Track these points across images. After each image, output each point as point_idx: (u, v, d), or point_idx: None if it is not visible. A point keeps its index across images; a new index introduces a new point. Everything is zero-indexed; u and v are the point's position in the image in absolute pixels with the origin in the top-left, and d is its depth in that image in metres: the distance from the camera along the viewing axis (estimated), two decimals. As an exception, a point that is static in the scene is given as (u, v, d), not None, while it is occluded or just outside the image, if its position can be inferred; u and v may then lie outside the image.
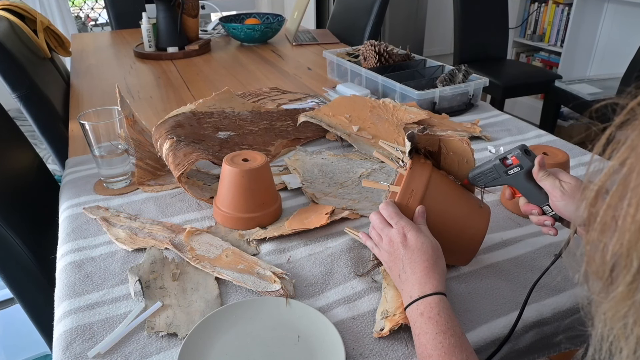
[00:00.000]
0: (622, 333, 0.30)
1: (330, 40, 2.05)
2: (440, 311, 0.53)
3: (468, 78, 1.28)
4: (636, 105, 0.31)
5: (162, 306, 0.64)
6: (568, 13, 2.91)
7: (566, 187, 0.59)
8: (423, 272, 0.57)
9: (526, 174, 0.62)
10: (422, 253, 0.58)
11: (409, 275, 0.58)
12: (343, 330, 0.61)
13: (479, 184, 0.65)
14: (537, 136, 1.12)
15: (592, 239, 0.33)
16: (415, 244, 0.58)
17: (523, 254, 0.74)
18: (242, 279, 0.68)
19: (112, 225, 0.80)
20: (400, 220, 0.60)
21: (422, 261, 0.57)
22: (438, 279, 0.56)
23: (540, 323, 0.64)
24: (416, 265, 0.57)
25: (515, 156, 0.62)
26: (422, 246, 0.58)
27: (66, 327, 0.62)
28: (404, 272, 0.58)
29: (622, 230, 0.30)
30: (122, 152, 0.90)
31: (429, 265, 0.57)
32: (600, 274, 0.32)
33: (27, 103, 1.22)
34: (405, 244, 0.59)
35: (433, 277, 0.56)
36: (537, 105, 3.01)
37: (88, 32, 3.54)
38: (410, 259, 0.58)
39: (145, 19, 1.78)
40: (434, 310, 0.53)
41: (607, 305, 0.31)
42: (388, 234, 0.61)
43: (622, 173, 0.31)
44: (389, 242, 0.60)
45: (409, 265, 0.58)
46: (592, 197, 0.33)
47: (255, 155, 0.80)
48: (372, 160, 1.00)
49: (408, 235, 0.59)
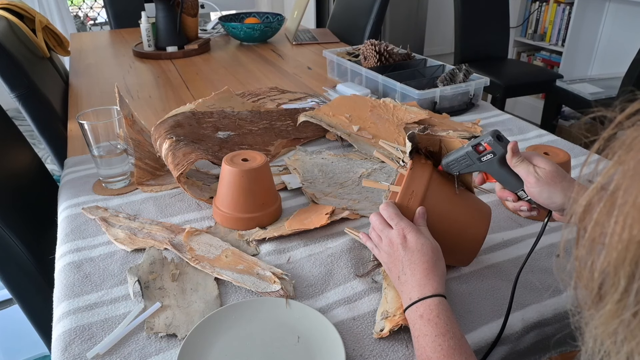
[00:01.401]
0: (612, 349, 0.30)
1: (331, 40, 2.04)
2: (439, 313, 0.53)
3: (469, 77, 1.27)
4: (624, 119, 0.31)
5: (161, 307, 0.64)
6: (569, 12, 2.90)
7: (541, 173, 0.58)
8: (423, 274, 0.56)
9: (500, 160, 0.60)
10: (421, 255, 0.57)
11: (408, 277, 0.57)
12: (343, 331, 0.61)
13: (452, 171, 0.64)
14: (538, 136, 1.12)
15: (580, 255, 0.32)
16: (415, 245, 0.58)
17: (524, 255, 0.73)
18: (241, 280, 0.68)
19: (111, 226, 0.80)
20: (400, 222, 0.60)
21: (422, 262, 0.57)
22: (438, 281, 0.56)
23: (541, 324, 0.63)
24: (416, 266, 0.57)
25: (488, 142, 0.60)
26: (422, 247, 0.57)
27: (65, 327, 0.62)
28: (403, 273, 0.58)
29: (609, 249, 0.29)
30: (121, 152, 0.90)
31: (428, 267, 0.56)
32: (589, 289, 0.32)
33: (25, 103, 1.22)
34: (405, 246, 0.58)
35: (433, 279, 0.56)
36: (538, 105, 3.01)
37: (87, 31, 3.53)
38: (410, 260, 0.57)
39: (145, 18, 1.77)
40: (434, 312, 0.53)
41: (597, 322, 0.31)
42: (388, 235, 0.60)
43: (609, 190, 0.30)
44: (389, 243, 0.60)
45: (408, 267, 0.57)
46: (580, 213, 0.32)
47: (254, 155, 0.79)
48: (373, 160, 1.00)
49: (408, 237, 0.58)
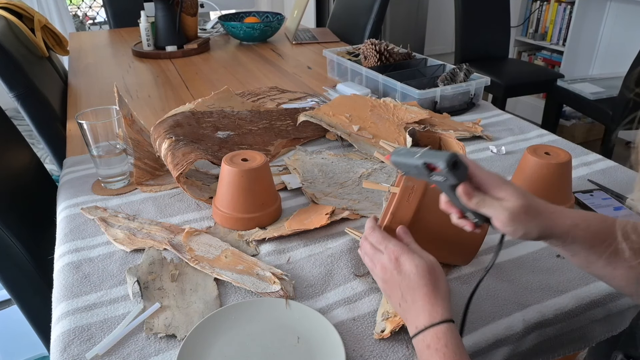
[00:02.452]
0: None
1: (331, 39, 2.04)
2: (447, 342, 0.50)
3: (469, 77, 1.27)
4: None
5: (160, 307, 0.63)
6: (570, 11, 2.90)
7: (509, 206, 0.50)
8: (425, 300, 0.53)
9: (452, 187, 0.52)
10: (419, 278, 0.53)
11: (410, 305, 0.54)
12: (343, 331, 0.60)
13: (400, 171, 0.60)
14: (539, 136, 1.11)
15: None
16: (409, 268, 0.54)
17: (524, 255, 0.73)
18: (241, 280, 0.67)
19: (110, 226, 0.80)
20: (388, 245, 0.57)
21: (421, 287, 0.53)
22: (442, 305, 0.52)
23: (542, 324, 0.63)
24: (415, 292, 0.53)
25: (442, 169, 0.51)
26: (417, 269, 0.54)
27: (64, 328, 0.61)
28: (404, 300, 0.54)
29: None
30: (120, 152, 0.90)
31: (429, 290, 0.53)
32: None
33: (24, 102, 1.22)
34: (399, 269, 0.55)
35: (436, 302, 0.52)
36: (539, 105, 3.01)
37: (86, 30, 3.53)
38: (407, 286, 0.54)
39: (144, 17, 1.77)
40: (441, 341, 0.50)
41: None
42: (380, 260, 0.57)
43: None
44: (382, 269, 0.57)
45: (408, 294, 0.54)
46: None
47: (254, 155, 0.79)
48: (373, 160, 1.00)
49: (400, 260, 0.55)
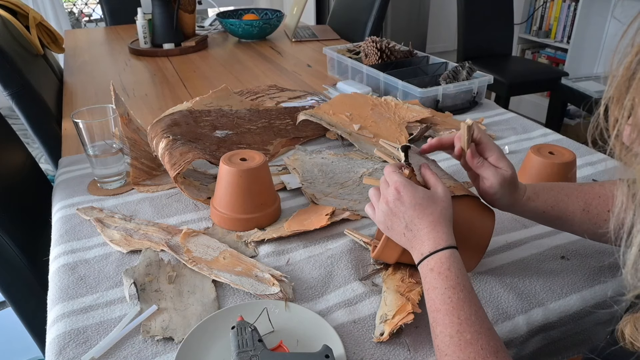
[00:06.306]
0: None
1: (331, 37, 2.03)
2: (450, 266, 0.52)
3: (472, 75, 1.26)
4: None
5: (157, 309, 0.63)
6: (575, 8, 2.89)
7: (503, 174, 0.61)
8: (430, 228, 0.55)
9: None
10: (422, 208, 0.55)
11: (414, 233, 0.56)
12: (343, 334, 0.60)
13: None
14: (543, 135, 1.10)
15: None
16: (412, 199, 0.56)
17: (528, 257, 0.72)
18: (239, 282, 0.66)
19: (106, 227, 0.79)
20: (393, 176, 0.58)
21: (426, 215, 0.55)
22: (445, 232, 0.54)
23: (546, 327, 0.62)
24: (420, 220, 0.55)
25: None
26: (421, 200, 0.56)
27: (59, 331, 0.61)
28: (408, 230, 0.56)
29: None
30: (117, 152, 0.89)
31: (434, 219, 0.55)
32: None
33: (19, 101, 1.21)
34: (402, 201, 0.56)
35: (441, 230, 0.54)
36: (543, 103, 2.99)
37: (82, 28, 3.52)
38: (412, 215, 0.56)
39: (141, 14, 1.76)
40: (444, 265, 0.53)
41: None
42: (384, 193, 0.58)
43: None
44: (385, 201, 0.58)
45: (412, 223, 0.56)
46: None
47: (253, 155, 0.78)
48: (374, 160, 0.99)
49: (404, 191, 0.56)
